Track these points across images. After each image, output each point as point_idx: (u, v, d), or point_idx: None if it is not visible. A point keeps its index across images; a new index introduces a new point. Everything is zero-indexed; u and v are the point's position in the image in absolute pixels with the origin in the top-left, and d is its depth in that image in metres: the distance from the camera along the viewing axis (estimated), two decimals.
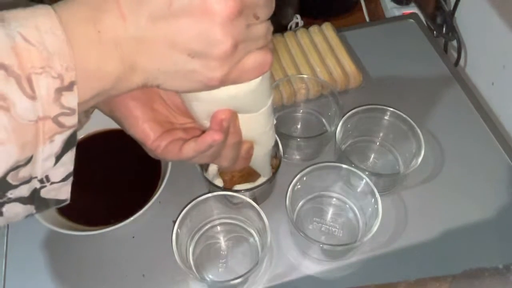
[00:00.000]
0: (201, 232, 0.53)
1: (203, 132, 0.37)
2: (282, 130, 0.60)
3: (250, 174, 0.55)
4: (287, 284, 0.51)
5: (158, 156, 0.37)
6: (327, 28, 0.70)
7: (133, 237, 0.54)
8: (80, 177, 0.56)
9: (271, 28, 0.32)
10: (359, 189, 0.53)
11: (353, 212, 0.55)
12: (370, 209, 0.51)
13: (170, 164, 0.53)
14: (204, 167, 0.55)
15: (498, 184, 0.58)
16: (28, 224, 0.54)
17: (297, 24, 0.79)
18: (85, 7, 0.27)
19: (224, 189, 0.51)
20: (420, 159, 0.53)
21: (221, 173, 0.55)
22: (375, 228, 0.48)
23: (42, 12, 0.26)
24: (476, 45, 0.76)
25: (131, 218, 0.50)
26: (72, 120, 0.27)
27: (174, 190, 0.54)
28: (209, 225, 0.53)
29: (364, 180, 0.51)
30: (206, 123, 0.36)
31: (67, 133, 0.27)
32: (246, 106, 0.36)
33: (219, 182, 0.53)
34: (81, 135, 0.58)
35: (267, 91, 0.36)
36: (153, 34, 0.28)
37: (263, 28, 0.31)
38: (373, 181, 0.51)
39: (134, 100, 0.35)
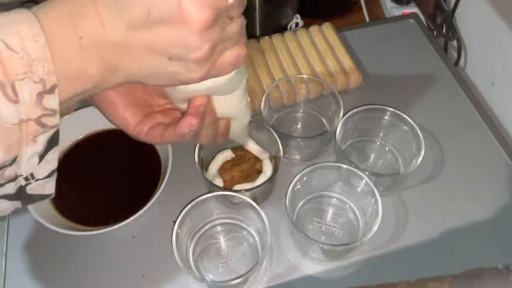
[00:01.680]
0: (201, 232, 0.53)
1: (182, 113, 0.39)
2: (282, 130, 0.60)
3: (250, 174, 0.55)
4: (287, 284, 0.51)
5: (141, 140, 0.38)
6: (327, 28, 0.70)
7: (133, 237, 0.54)
8: (80, 177, 0.57)
9: (244, 22, 0.33)
10: (359, 189, 0.53)
11: (353, 212, 0.55)
12: (370, 209, 0.51)
13: (170, 164, 0.53)
14: (204, 167, 0.55)
15: (498, 184, 0.58)
16: (28, 224, 0.54)
17: (297, 24, 0.79)
18: (65, 12, 0.28)
19: (224, 189, 0.51)
20: (420, 159, 0.53)
21: (221, 173, 0.55)
22: (375, 228, 0.48)
23: (23, 18, 0.26)
24: (476, 45, 0.76)
25: (131, 218, 0.50)
26: (54, 120, 0.28)
27: (174, 190, 0.54)
28: (209, 225, 0.53)
29: (364, 180, 0.51)
30: (184, 106, 0.38)
31: (49, 133, 0.29)
32: (221, 92, 0.38)
33: (219, 182, 0.53)
34: (81, 135, 0.58)
35: (241, 76, 0.38)
36: (132, 40, 0.29)
37: (237, 25, 0.32)
38: (373, 181, 0.51)
39: (114, 89, 0.36)
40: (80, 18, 0.28)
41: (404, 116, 0.56)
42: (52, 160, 0.31)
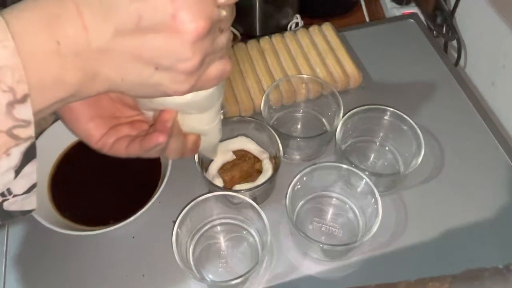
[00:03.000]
0: (201, 232, 0.53)
1: (150, 126, 0.38)
2: (282, 130, 0.60)
3: (250, 174, 0.55)
4: (287, 284, 0.51)
5: (105, 153, 0.36)
6: (327, 28, 0.70)
7: (133, 237, 0.54)
8: (80, 177, 0.57)
9: (231, 36, 0.33)
10: (359, 189, 0.53)
11: (353, 212, 0.55)
12: (370, 209, 0.51)
13: (170, 164, 0.53)
14: (204, 167, 0.55)
15: (498, 184, 0.58)
16: (28, 224, 0.54)
17: (297, 24, 0.79)
18: (40, 15, 0.26)
19: (224, 189, 0.51)
20: (420, 159, 0.53)
21: (221, 173, 0.55)
22: (375, 228, 0.48)
23: None
24: (476, 45, 0.76)
25: (131, 218, 0.50)
26: (27, 132, 0.26)
27: (174, 190, 0.54)
28: (209, 225, 0.53)
29: (364, 180, 0.51)
30: (150, 115, 0.37)
31: (24, 145, 0.27)
32: (198, 107, 0.36)
33: (219, 182, 0.53)
34: None
35: (219, 92, 0.37)
36: (118, 47, 0.27)
37: (225, 38, 0.31)
38: (373, 181, 0.51)
39: None
40: (59, 22, 0.26)
41: (404, 116, 0.56)
42: (30, 174, 0.28)
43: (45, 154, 0.55)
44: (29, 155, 0.27)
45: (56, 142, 0.56)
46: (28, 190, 0.29)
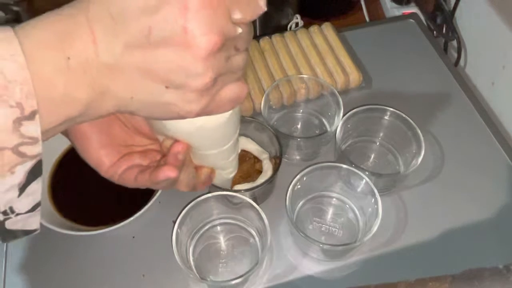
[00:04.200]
0: (201, 232, 0.53)
1: (162, 156, 0.36)
2: (282, 130, 0.60)
3: (250, 174, 0.55)
4: (287, 284, 0.51)
5: (115, 182, 0.35)
6: (327, 28, 0.70)
7: (133, 237, 0.54)
8: (80, 177, 0.57)
9: (248, 58, 0.31)
10: (359, 189, 0.53)
11: (353, 212, 0.55)
12: (370, 209, 0.51)
13: None
14: None
15: (498, 184, 0.58)
16: None
17: (297, 24, 0.79)
18: (52, 31, 0.25)
19: (224, 189, 0.51)
20: (420, 159, 0.53)
21: None
22: (375, 228, 0.48)
23: (2, 37, 0.24)
24: (476, 45, 0.76)
25: (131, 218, 0.50)
26: (35, 150, 0.26)
27: (174, 190, 0.53)
28: (209, 225, 0.53)
29: (364, 180, 0.51)
30: (161, 139, 0.36)
31: (30, 163, 0.26)
32: (211, 140, 0.35)
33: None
34: None
35: (233, 125, 0.35)
36: (128, 62, 0.26)
37: (241, 59, 0.30)
38: (373, 181, 0.51)
39: (89, 124, 0.33)
40: (70, 37, 0.25)
41: (404, 116, 0.56)
42: (35, 192, 0.28)
43: (45, 154, 0.55)
44: (35, 173, 0.27)
45: (57, 142, 0.56)
46: (32, 209, 0.29)
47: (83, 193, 0.56)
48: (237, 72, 0.30)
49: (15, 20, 0.39)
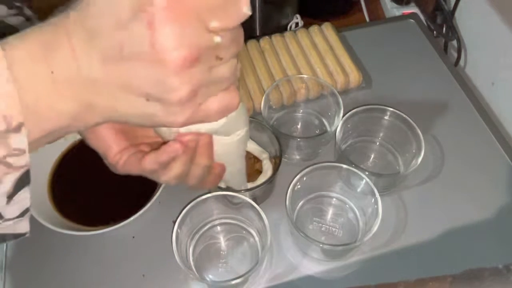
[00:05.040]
0: (201, 232, 0.53)
1: None
2: (282, 130, 0.60)
3: (250, 174, 0.55)
4: (287, 284, 0.51)
5: (117, 170, 0.34)
6: (327, 28, 0.70)
7: (133, 237, 0.54)
8: (80, 177, 0.57)
9: (238, 66, 0.30)
10: (359, 189, 0.53)
11: (353, 212, 0.55)
12: (370, 209, 0.51)
13: None
14: None
15: (498, 184, 0.58)
16: None
17: (297, 24, 0.79)
18: (37, 45, 0.25)
19: (224, 189, 0.51)
20: (420, 159, 0.53)
21: None
22: (375, 228, 0.48)
23: None
24: (476, 45, 0.76)
25: (131, 218, 0.50)
26: (21, 160, 0.26)
27: (174, 190, 0.54)
28: (209, 225, 0.53)
29: (364, 180, 0.51)
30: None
31: (17, 174, 0.26)
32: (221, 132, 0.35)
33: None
34: None
35: (237, 123, 0.35)
36: (106, 76, 0.26)
37: (228, 68, 0.29)
38: (373, 181, 0.51)
39: None
40: (52, 51, 0.25)
41: (404, 116, 0.56)
42: (23, 200, 0.28)
43: (45, 154, 0.55)
44: (22, 182, 0.27)
45: (57, 143, 0.56)
46: (21, 215, 0.29)
47: (83, 193, 0.56)
48: (222, 82, 0.29)
49: (17, 14, 0.39)
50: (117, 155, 0.34)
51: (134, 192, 0.55)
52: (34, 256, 0.53)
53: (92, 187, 0.56)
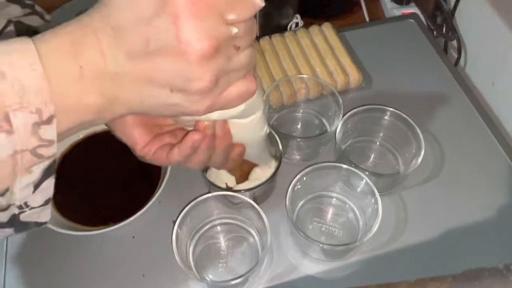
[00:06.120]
0: (201, 232, 0.53)
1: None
2: (282, 130, 0.60)
3: (249, 174, 0.55)
4: (287, 284, 0.51)
5: (147, 161, 0.37)
6: (327, 28, 0.70)
7: (133, 237, 0.54)
8: (80, 177, 0.57)
9: (254, 53, 0.32)
10: (359, 189, 0.53)
11: (353, 212, 0.55)
12: (370, 209, 0.51)
13: None
14: (204, 167, 0.55)
15: (498, 184, 0.58)
16: None
17: (297, 24, 0.79)
18: (66, 41, 0.27)
19: (224, 189, 0.51)
20: (420, 159, 0.53)
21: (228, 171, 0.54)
22: (375, 228, 0.48)
23: (20, 47, 0.26)
24: (476, 45, 0.76)
25: (131, 218, 0.50)
26: (51, 151, 0.27)
27: (174, 190, 0.54)
28: (209, 225, 0.53)
29: (364, 180, 0.51)
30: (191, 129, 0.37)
31: (46, 163, 0.28)
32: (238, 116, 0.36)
33: (229, 178, 0.52)
34: (81, 135, 0.58)
35: (254, 107, 0.36)
36: (132, 70, 0.28)
37: (245, 56, 0.31)
38: (373, 181, 0.51)
39: None
40: (81, 47, 0.27)
41: (404, 116, 0.56)
42: (48, 188, 0.30)
43: None
44: (49, 171, 0.29)
45: None
46: (45, 203, 0.30)
47: (83, 193, 0.56)
48: (240, 69, 0.31)
49: (31, 13, 0.39)
50: (144, 149, 0.36)
51: (134, 192, 0.55)
52: (34, 256, 0.53)
53: (92, 187, 0.56)
